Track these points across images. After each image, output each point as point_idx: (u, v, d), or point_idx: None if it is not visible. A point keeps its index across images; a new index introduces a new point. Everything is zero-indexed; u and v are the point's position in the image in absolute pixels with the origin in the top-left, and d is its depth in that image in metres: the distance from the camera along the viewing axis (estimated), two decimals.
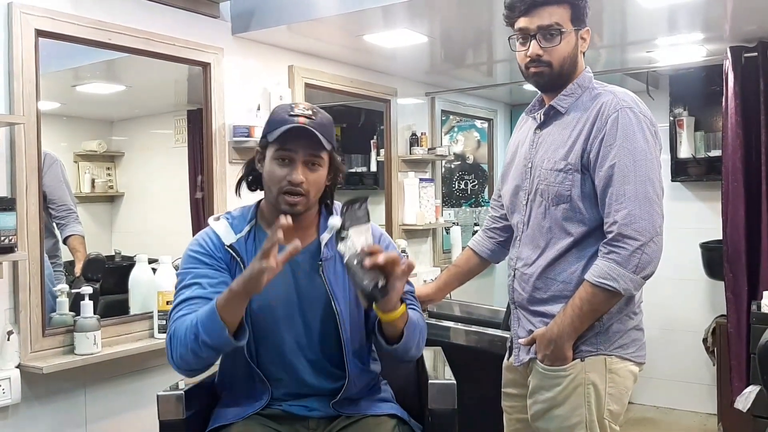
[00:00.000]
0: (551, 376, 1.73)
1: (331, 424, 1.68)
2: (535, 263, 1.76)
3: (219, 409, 1.74)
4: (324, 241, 1.70)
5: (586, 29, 1.75)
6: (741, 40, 3.28)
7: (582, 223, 1.70)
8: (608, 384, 1.71)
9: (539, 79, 1.75)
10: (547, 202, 1.73)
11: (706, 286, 4.14)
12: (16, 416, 2.24)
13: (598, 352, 1.71)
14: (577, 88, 1.75)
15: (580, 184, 1.69)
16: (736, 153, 3.27)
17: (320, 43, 3.22)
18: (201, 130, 2.91)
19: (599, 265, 1.64)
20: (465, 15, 2.83)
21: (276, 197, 1.63)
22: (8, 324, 2.20)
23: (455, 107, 4.59)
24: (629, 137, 1.64)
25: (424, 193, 4.06)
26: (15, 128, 2.21)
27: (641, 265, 1.61)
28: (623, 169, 1.62)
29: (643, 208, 1.61)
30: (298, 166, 1.61)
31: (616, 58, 3.73)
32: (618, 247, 1.61)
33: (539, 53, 1.70)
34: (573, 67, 1.75)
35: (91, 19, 2.42)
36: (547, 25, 1.68)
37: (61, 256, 2.73)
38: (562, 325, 1.68)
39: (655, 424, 4.10)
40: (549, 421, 1.75)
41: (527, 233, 1.79)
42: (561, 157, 1.71)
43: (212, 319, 1.47)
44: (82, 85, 3.07)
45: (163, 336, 2.52)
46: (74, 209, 2.76)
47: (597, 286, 1.63)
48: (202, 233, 1.72)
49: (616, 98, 1.69)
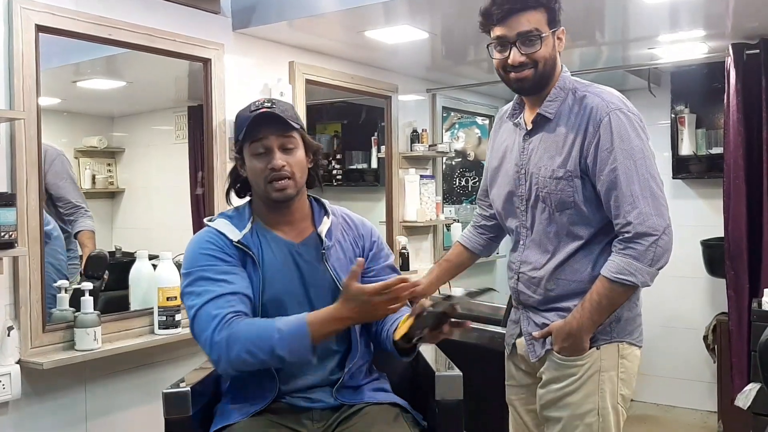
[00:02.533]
0: (567, 365, 1.77)
1: (334, 414, 1.70)
2: (544, 267, 1.80)
3: (224, 405, 1.74)
4: (323, 232, 1.75)
5: (561, 29, 1.78)
6: (743, 37, 3.28)
7: (589, 225, 1.75)
8: (620, 369, 1.77)
9: (523, 84, 1.76)
10: (551, 209, 1.77)
11: (707, 284, 4.14)
12: (16, 412, 2.24)
13: (611, 339, 1.77)
14: (560, 92, 1.78)
15: (582, 189, 1.73)
16: (738, 150, 3.27)
17: (321, 40, 3.21)
18: (201, 126, 2.91)
19: (616, 261, 1.68)
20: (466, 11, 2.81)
21: (264, 188, 1.68)
22: (8, 320, 2.20)
23: (456, 104, 4.58)
24: (625, 139, 1.67)
25: (424, 189, 4.05)
26: (15, 123, 2.20)
27: (656, 257, 1.66)
28: (626, 171, 1.66)
29: (651, 204, 1.66)
30: (274, 152, 1.67)
31: (617, 55, 3.72)
32: (635, 243, 1.66)
33: (522, 60, 1.72)
34: (552, 68, 1.77)
35: (92, 14, 2.42)
36: (527, 32, 1.70)
37: (76, 250, 2.73)
38: (581, 320, 1.72)
39: (656, 422, 4.10)
40: (561, 409, 1.78)
41: (533, 238, 1.83)
42: (559, 165, 1.74)
43: (301, 338, 1.53)
44: (82, 80, 3.07)
45: (163, 332, 2.52)
46: (81, 204, 2.75)
47: (615, 282, 1.67)
48: (205, 233, 1.73)
49: (603, 101, 1.72)
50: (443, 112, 4.47)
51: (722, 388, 3.69)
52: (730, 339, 3.37)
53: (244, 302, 1.63)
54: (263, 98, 1.74)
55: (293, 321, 1.56)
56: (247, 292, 1.65)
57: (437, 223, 4.23)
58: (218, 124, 2.89)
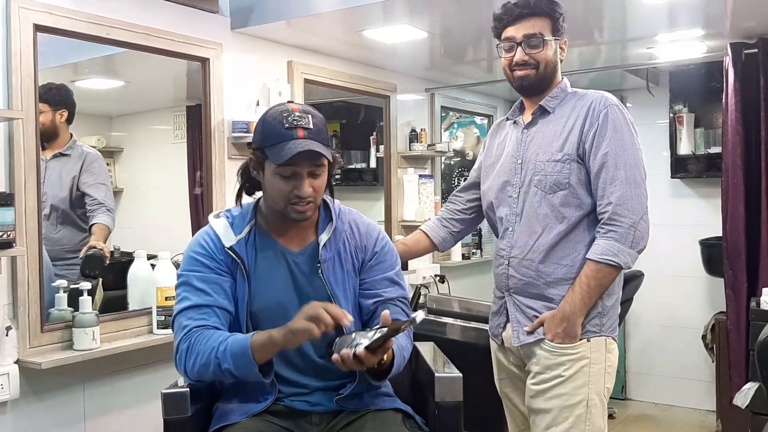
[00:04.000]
0: (559, 354, 1.85)
1: (334, 419, 1.69)
2: (533, 248, 1.90)
3: (223, 405, 1.73)
4: (322, 243, 1.70)
5: (563, 40, 1.97)
6: (741, 36, 3.28)
7: (579, 207, 1.88)
8: (607, 363, 1.89)
9: (524, 81, 1.94)
10: (543, 191, 1.89)
11: (706, 283, 4.14)
12: (14, 411, 2.24)
13: (600, 333, 1.88)
14: (561, 92, 1.97)
15: (577, 171, 1.87)
16: (736, 150, 3.27)
17: (319, 39, 3.21)
18: (200, 125, 2.91)
19: (600, 243, 1.83)
20: (465, 11, 2.83)
21: (284, 208, 1.64)
22: (7, 319, 2.20)
23: (455, 103, 4.58)
24: (618, 130, 1.86)
25: (423, 189, 4.05)
26: (13, 123, 2.20)
27: (636, 240, 1.82)
28: (615, 157, 1.84)
29: (633, 190, 1.82)
30: (304, 179, 1.61)
31: (616, 55, 3.72)
32: (614, 224, 1.81)
33: (525, 59, 1.91)
34: (553, 73, 1.96)
35: (90, 14, 2.42)
36: (531, 34, 1.89)
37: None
38: (573, 303, 1.83)
39: (654, 421, 4.10)
40: (551, 400, 1.86)
41: (521, 223, 1.93)
42: (557, 149, 1.89)
43: (244, 357, 1.52)
44: (80, 80, 3.06)
45: (162, 332, 2.52)
46: (105, 203, 2.74)
47: (600, 263, 1.82)
48: (203, 233, 1.72)
49: (603, 97, 1.91)
50: (442, 112, 4.47)
51: (721, 387, 3.70)
52: (729, 338, 3.37)
53: (218, 315, 1.63)
54: (297, 108, 1.62)
55: (240, 339, 1.55)
56: (224, 304, 1.64)
57: None
58: (217, 124, 2.89)
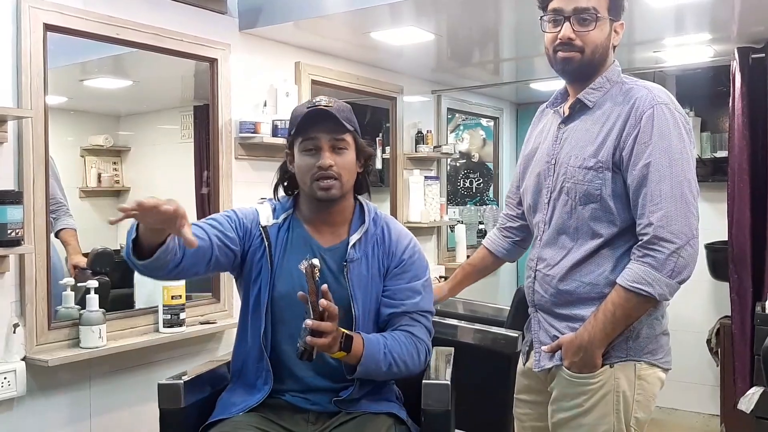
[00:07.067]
0: (578, 383, 1.64)
1: (331, 419, 1.69)
2: (558, 264, 1.67)
3: (226, 398, 1.75)
4: (352, 242, 1.72)
5: (620, 23, 1.68)
6: (748, 40, 3.28)
7: (612, 223, 1.62)
8: (636, 391, 1.64)
9: (567, 66, 1.65)
10: (573, 202, 1.65)
11: (711, 287, 4.13)
12: (21, 408, 2.25)
13: (627, 357, 1.64)
14: (606, 82, 1.67)
15: (611, 183, 1.60)
16: (743, 154, 3.26)
17: (327, 40, 3.22)
18: (207, 125, 2.92)
19: (633, 268, 1.56)
20: (472, 13, 2.83)
21: (310, 186, 1.69)
22: (14, 317, 2.21)
23: (461, 105, 4.59)
24: (665, 135, 1.56)
25: (429, 191, 4.06)
26: (22, 122, 2.22)
27: (677, 269, 1.53)
28: (659, 169, 1.55)
29: (679, 209, 1.53)
30: (324, 151, 1.67)
31: (623, 58, 3.70)
32: (653, 250, 1.54)
33: (571, 36, 1.61)
34: (603, 57, 1.66)
35: (99, 14, 2.43)
36: (584, 8, 1.60)
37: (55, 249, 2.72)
38: (593, 332, 1.60)
39: (658, 425, 4.09)
40: (574, 429, 1.67)
41: (549, 233, 1.71)
42: (590, 155, 1.62)
43: (132, 228, 1.54)
44: (89, 79, 3.08)
45: (168, 330, 2.54)
46: (64, 203, 2.71)
47: (631, 291, 1.55)
48: (247, 207, 1.78)
49: (651, 93, 1.61)
50: (448, 114, 4.48)
51: (725, 392, 3.68)
52: (734, 342, 3.37)
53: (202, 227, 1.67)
54: (324, 97, 1.71)
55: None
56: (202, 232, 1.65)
57: (441, 225, 4.23)
58: (224, 124, 2.90)
